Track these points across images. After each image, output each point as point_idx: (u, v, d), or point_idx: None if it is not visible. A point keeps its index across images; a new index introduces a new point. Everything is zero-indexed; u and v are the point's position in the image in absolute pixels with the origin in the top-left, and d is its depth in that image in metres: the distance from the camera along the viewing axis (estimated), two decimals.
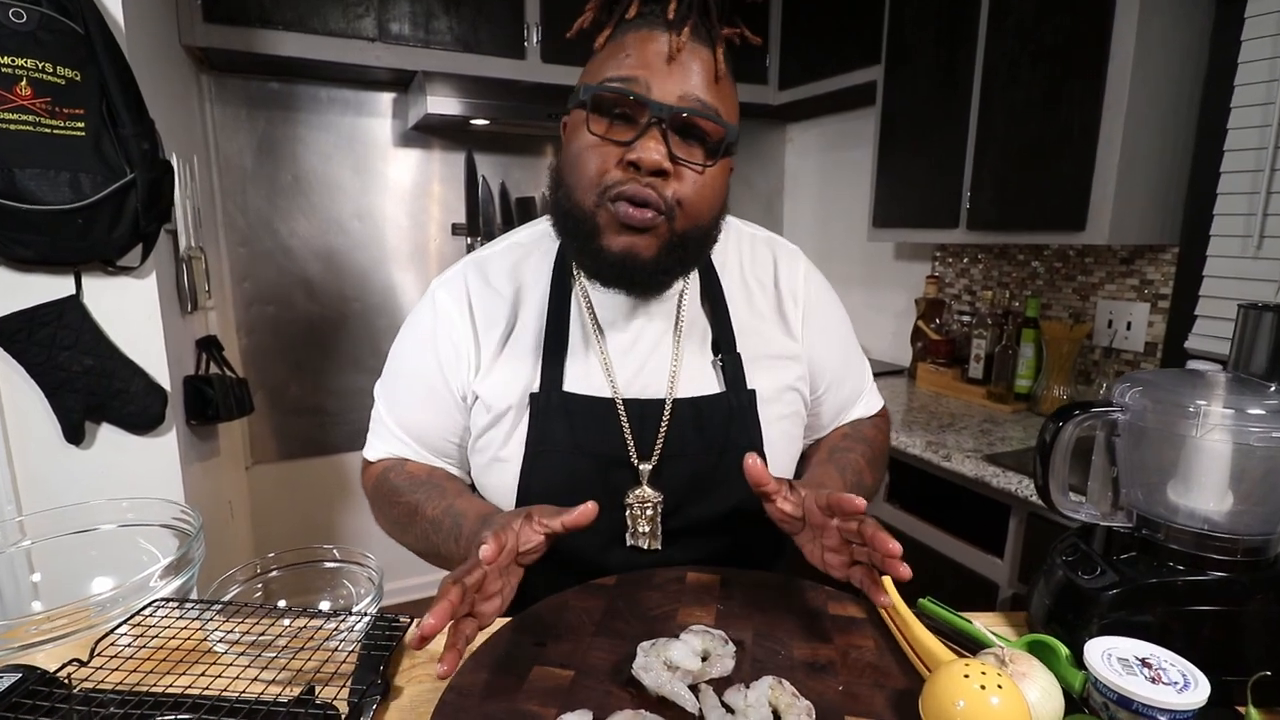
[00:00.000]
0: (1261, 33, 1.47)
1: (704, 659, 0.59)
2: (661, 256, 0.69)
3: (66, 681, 0.57)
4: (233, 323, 2.17)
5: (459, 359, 0.78)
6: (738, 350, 0.80)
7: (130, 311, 1.30)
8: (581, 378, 0.77)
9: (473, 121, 2.16)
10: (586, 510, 0.60)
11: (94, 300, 1.27)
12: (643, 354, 0.78)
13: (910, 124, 1.99)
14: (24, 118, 1.11)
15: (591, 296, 0.79)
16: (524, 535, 0.61)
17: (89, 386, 1.26)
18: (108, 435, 1.33)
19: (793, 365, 0.83)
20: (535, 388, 0.76)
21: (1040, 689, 0.59)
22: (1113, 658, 0.61)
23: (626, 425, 0.76)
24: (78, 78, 1.15)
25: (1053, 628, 0.73)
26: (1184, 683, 0.58)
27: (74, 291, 1.25)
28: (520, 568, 0.63)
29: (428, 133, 2.33)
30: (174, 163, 1.37)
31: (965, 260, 2.22)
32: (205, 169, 2.02)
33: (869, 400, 0.95)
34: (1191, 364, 1.55)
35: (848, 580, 0.63)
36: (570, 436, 0.75)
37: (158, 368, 1.33)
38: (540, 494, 0.76)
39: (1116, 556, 0.72)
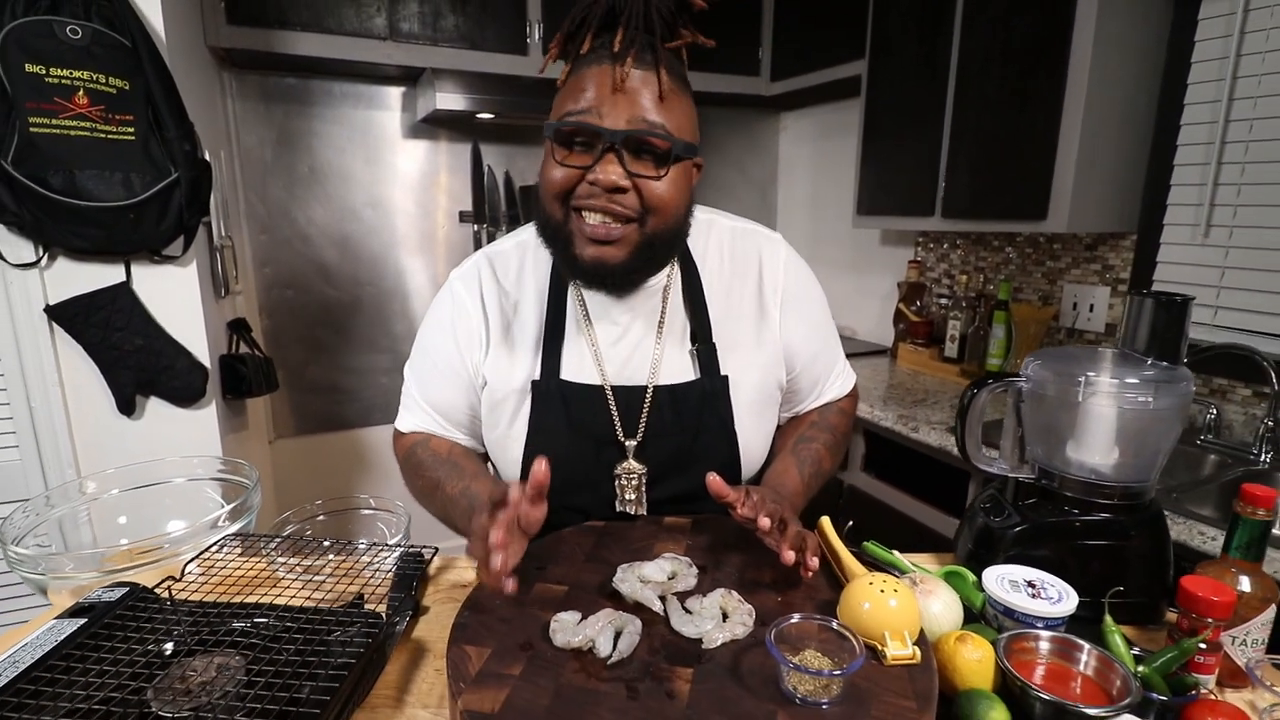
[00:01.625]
0: (1213, 34, 1.58)
1: (671, 577, 0.73)
2: (631, 259, 0.79)
3: (167, 593, 0.72)
4: (255, 306, 2.32)
5: (473, 342, 0.89)
6: (713, 340, 0.91)
7: (174, 296, 1.44)
8: (575, 367, 0.88)
9: (478, 115, 2.27)
10: (538, 468, 0.65)
11: (142, 286, 1.41)
12: (629, 346, 0.90)
13: (892, 116, 2.10)
14: (82, 124, 1.25)
15: (584, 294, 0.90)
16: (512, 493, 0.67)
17: (139, 363, 1.41)
18: (155, 408, 1.48)
19: (768, 350, 0.93)
20: (536, 375, 0.88)
21: (943, 603, 0.74)
22: (1004, 580, 0.75)
23: (614, 409, 0.88)
24: (127, 87, 1.28)
25: (971, 564, 0.87)
26: (1058, 598, 0.73)
27: (125, 279, 1.39)
28: (526, 536, 0.71)
29: (435, 125, 2.46)
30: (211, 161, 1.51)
31: (945, 246, 2.34)
32: (228, 161, 2.15)
33: (842, 378, 1.05)
34: None
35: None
36: (566, 418, 0.88)
37: (199, 347, 1.48)
38: None
39: (1022, 502, 0.86)
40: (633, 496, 0.88)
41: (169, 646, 0.64)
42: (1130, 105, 1.66)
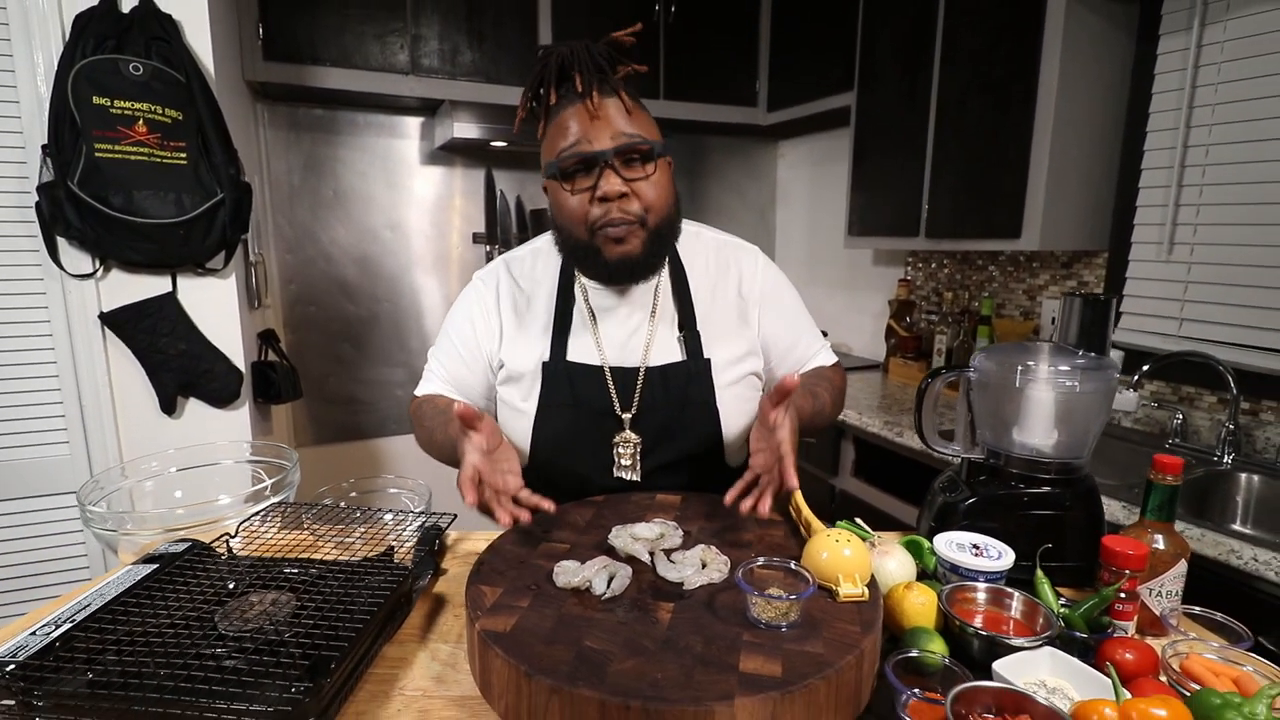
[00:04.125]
0: (1171, 68, 1.71)
1: (659, 537, 0.84)
2: (646, 251, 0.95)
3: (225, 547, 0.83)
4: (281, 320, 2.46)
5: (489, 329, 1.05)
6: (698, 329, 1.04)
7: (214, 306, 1.58)
8: (580, 351, 1.03)
9: (492, 143, 2.43)
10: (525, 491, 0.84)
11: (186, 296, 1.55)
12: (626, 333, 1.04)
13: (879, 144, 2.24)
14: (140, 150, 1.40)
15: (589, 289, 1.04)
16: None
17: (182, 367, 1.54)
18: (193, 408, 1.61)
19: (746, 341, 1.07)
20: (546, 358, 1.02)
21: (897, 561, 0.84)
22: (952, 543, 0.86)
23: (612, 386, 1.02)
24: (181, 117, 1.43)
25: (931, 536, 0.97)
26: (998, 555, 0.83)
27: (171, 289, 1.53)
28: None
29: (451, 152, 2.62)
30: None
31: (934, 265, 2.46)
32: (259, 186, 2.31)
33: (824, 354, 1.17)
34: (1113, 352, 1.77)
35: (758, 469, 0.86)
36: (571, 394, 1.01)
37: (235, 353, 1.61)
38: (550, 436, 1.02)
39: (974, 479, 0.96)
40: (628, 463, 1.01)
41: (231, 584, 0.75)
42: (1097, 133, 1.78)
